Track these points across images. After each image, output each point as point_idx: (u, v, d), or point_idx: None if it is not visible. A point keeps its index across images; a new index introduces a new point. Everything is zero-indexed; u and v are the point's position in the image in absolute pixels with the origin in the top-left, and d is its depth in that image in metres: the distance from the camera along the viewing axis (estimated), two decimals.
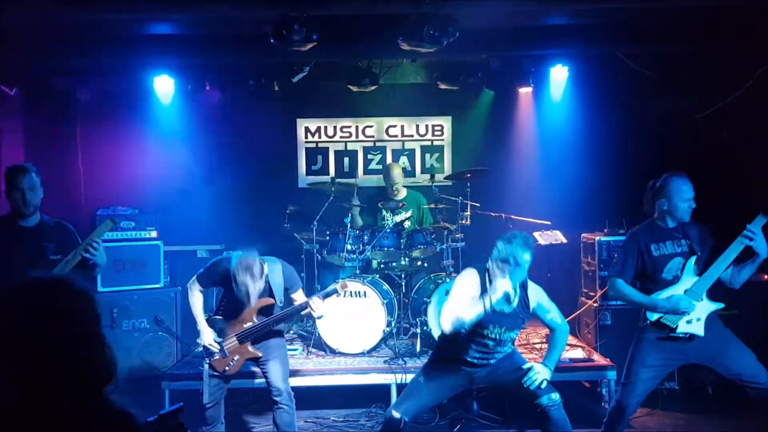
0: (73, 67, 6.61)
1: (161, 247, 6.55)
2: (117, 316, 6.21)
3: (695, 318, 4.09)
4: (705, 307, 4.10)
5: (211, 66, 7.21)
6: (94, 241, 3.99)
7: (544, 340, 6.14)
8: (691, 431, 5.14)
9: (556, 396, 4.01)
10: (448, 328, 3.96)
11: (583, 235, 6.53)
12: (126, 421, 1.76)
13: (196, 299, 4.61)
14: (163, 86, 7.32)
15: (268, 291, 4.55)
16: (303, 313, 4.65)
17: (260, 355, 4.56)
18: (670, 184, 4.20)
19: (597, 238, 6.17)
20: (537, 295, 4.16)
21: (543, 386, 4.01)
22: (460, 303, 3.99)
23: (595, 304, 6.06)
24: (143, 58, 6.74)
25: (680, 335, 4.10)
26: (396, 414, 4.18)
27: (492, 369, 4.19)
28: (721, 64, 6.43)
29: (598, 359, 5.63)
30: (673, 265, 4.16)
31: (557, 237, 6.42)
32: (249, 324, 4.52)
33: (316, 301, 4.54)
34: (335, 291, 4.68)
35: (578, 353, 5.73)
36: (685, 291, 4.10)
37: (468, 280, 4.15)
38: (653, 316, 4.15)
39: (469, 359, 4.14)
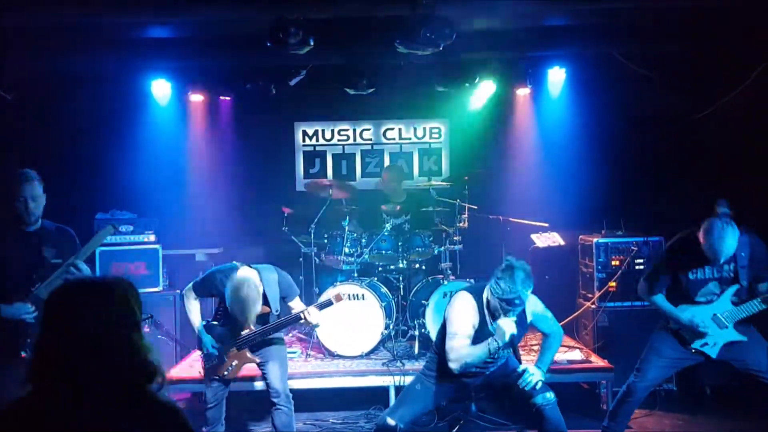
0: (69, 70, 6.61)
1: (160, 250, 6.56)
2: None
3: (712, 342, 4.09)
4: (727, 335, 4.09)
5: (208, 69, 7.22)
6: (75, 263, 3.98)
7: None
8: None
9: (550, 395, 4.04)
10: (455, 368, 3.98)
11: (580, 236, 6.54)
12: (175, 414, 1.84)
13: (193, 307, 4.62)
14: (160, 90, 7.33)
15: (263, 300, 4.53)
16: (299, 322, 4.67)
17: (258, 360, 4.58)
18: (708, 228, 3.96)
19: (595, 239, 6.17)
20: (533, 307, 4.17)
21: (538, 387, 4.03)
22: (464, 342, 3.96)
23: (593, 306, 6.06)
24: (140, 62, 6.74)
25: (693, 350, 4.12)
26: (391, 421, 4.21)
27: (487, 377, 4.22)
28: (718, 64, 6.44)
29: (596, 361, 5.63)
30: (708, 290, 4.14)
31: (555, 239, 6.43)
32: (246, 331, 4.52)
33: (311, 311, 4.57)
34: (330, 303, 4.73)
35: (576, 355, 5.74)
36: (714, 315, 4.09)
37: (466, 311, 4.07)
38: (674, 326, 4.16)
39: (466, 371, 4.15)
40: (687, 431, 5.17)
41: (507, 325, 3.85)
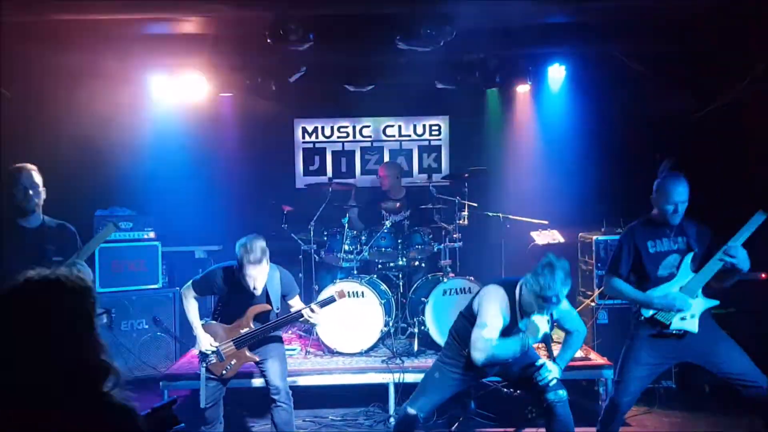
0: (68, 66, 6.60)
1: (159, 247, 6.56)
2: (115, 317, 6.24)
3: (689, 315, 4.10)
4: (700, 304, 4.12)
5: (207, 66, 7.21)
6: (76, 262, 3.99)
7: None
8: (688, 430, 5.14)
9: (563, 392, 4.04)
10: (480, 359, 3.91)
11: (580, 234, 6.54)
12: (126, 414, 1.78)
13: (191, 305, 4.58)
14: (160, 86, 7.32)
15: (265, 297, 4.53)
16: (300, 320, 4.65)
17: (257, 359, 4.57)
18: (661, 184, 4.20)
19: (594, 237, 6.18)
20: (561, 305, 4.08)
21: (552, 384, 4.03)
22: (495, 333, 3.91)
23: (592, 303, 6.07)
24: (139, 58, 6.74)
25: (673, 332, 4.12)
26: (411, 411, 4.23)
27: (504, 366, 4.22)
28: (718, 62, 6.44)
29: (596, 358, 5.64)
30: (669, 262, 4.18)
31: (555, 236, 6.43)
32: (246, 329, 4.51)
33: (314, 309, 4.52)
34: (333, 300, 4.67)
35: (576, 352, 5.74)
36: (681, 288, 4.12)
37: (499, 304, 4.00)
38: (647, 313, 4.16)
39: None
40: (686, 429, 5.17)
41: (541, 323, 3.84)
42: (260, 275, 4.31)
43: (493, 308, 3.96)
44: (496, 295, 4.03)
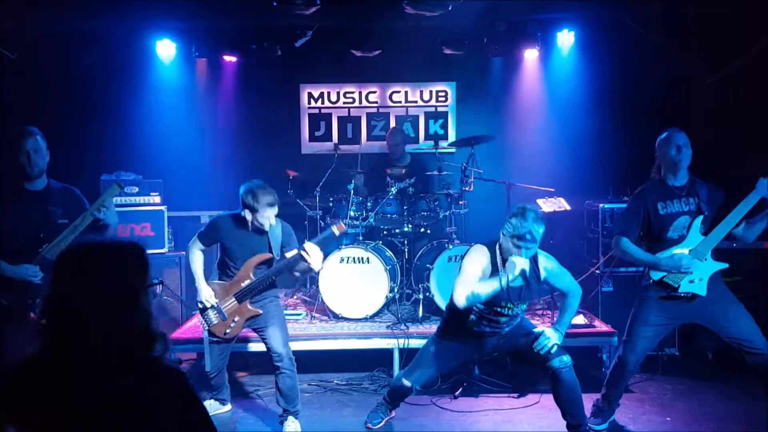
0: (74, 30, 6.55)
1: (165, 212, 6.57)
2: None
3: (698, 278, 4.11)
4: (708, 267, 4.12)
5: (213, 30, 7.15)
6: (105, 201, 4.01)
7: (545, 306, 6.18)
8: (691, 397, 5.18)
9: (567, 358, 4.06)
10: (462, 302, 3.93)
11: (586, 202, 6.52)
12: (178, 377, 1.86)
13: (197, 257, 4.66)
14: (165, 50, 7.28)
15: (267, 246, 4.59)
16: (300, 268, 4.61)
17: (260, 312, 4.58)
18: (660, 138, 4.27)
19: (601, 205, 6.16)
20: (547, 263, 4.15)
21: (553, 351, 4.05)
22: (473, 278, 3.97)
23: (597, 271, 6.07)
24: (144, 22, 6.69)
25: (682, 294, 4.13)
26: (407, 382, 4.33)
27: (502, 337, 4.24)
28: (730, 28, 6.35)
29: (600, 325, 5.66)
30: (680, 224, 4.17)
31: (561, 204, 6.40)
32: (246, 282, 4.55)
33: (309, 247, 4.46)
34: (331, 233, 4.62)
35: (580, 319, 5.75)
36: (690, 250, 4.11)
37: (479, 257, 4.09)
38: (656, 275, 4.17)
39: (479, 331, 4.17)
40: (689, 396, 5.21)
41: (519, 261, 3.84)
42: (273, 217, 4.49)
43: (470, 261, 4.06)
44: (475, 251, 4.13)
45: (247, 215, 4.50)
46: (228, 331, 4.57)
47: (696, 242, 4.13)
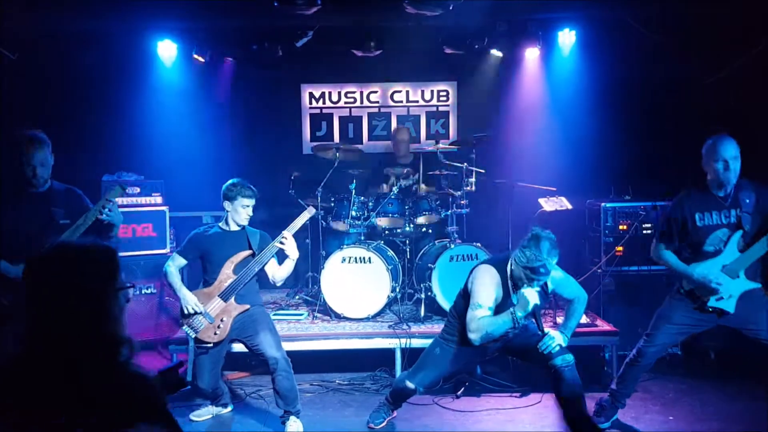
0: (74, 30, 6.55)
1: (167, 212, 6.57)
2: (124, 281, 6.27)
3: (727, 295, 4.07)
4: (740, 285, 4.07)
5: (214, 30, 7.15)
6: (108, 201, 4.01)
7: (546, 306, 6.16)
8: (693, 396, 5.17)
9: (569, 357, 4.06)
10: (476, 340, 3.97)
11: (588, 201, 6.51)
12: (144, 381, 1.81)
13: (172, 271, 4.70)
14: (166, 51, 7.28)
15: (246, 244, 4.68)
16: (278, 245, 4.63)
17: (247, 307, 4.60)
18: (707, 144, 4.12)
19: (602, 204, 6.15)
20: (554, 273, 4.12)
21: (556, 350, 4.05)
22: (489, 303, 3.96)
23: (599, 270, 6.06)
24: (145, 22, 6.68)
25: (710, 309, 4.11)
26: (410, 384, 4.34)
27: (508, 340, 4.24)
28: (731, 28, 6.33)
29: (602, 325, 5.65)
30: (716, 237, 4.11)
31: (562, 203, 6.39)
32: (229, 281, 4.58)
33: (285, 235, 4.61)
34: (306, 215, 4.76)
35: (582, 319, 5.74)
36: (724, 266, 4.06)
37: (489, 280, 4.05)
38: (687, 287, 4.15)
39: (488, 342, 4.17)
40: (692, 395, 5.20)
41: (530, 295, 3.82)
42: (249, 209, 4.66)
43: (483, 288, 4.02)
44: (487, 274, 4.08)
45: (227, 207, 4.68)
46: (217, 332, 4.55)
47: (731, 258, 4.07)
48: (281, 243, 4.57)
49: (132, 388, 1.78)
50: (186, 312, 4.57)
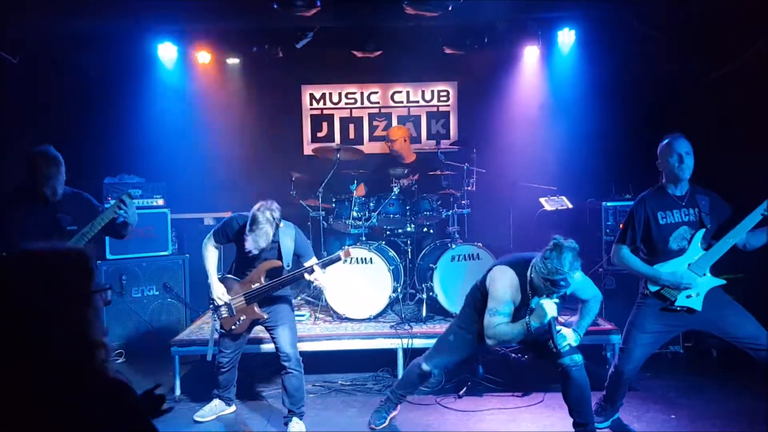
0: (75, 33, 6.57)
1: (168, 214, 6.59)
2: (126, 283, 6.32)
3: (695, 293, 4.10)
4: (706, 283, 4.11)
5: (214, 32, 7.16)
6: (122, 202, 4.00)
7: None
8: (695, 394, 5.18)
9: (578, 357, 4.06)
10: (491, 344, 3.99)
11: (589, 200, 6.52)
12: (122, 388, 1.76)
13: (210, 254, 4.73)
14: (167, 53, 7.30)
15: (277, 254, 4.62)
16: (308, 278, 4.60)
17: (265, 316, 4.64)
18: (660, 146, 4.22)
19: (603, 203, 6.16)
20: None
21: (566, 349, 4.04)
22: (503, 320, 3.92)
23: (601, 269, 6.07)
24: (146, 24, 6.70)
25: (678, 308, 4.12)
26: (426, 367, 4.39)
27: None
28: (732, 24, 6.33)
29: (603, 323, 5.66)
30: (679, 234, 4.15)
31: (563, 202, 6.42)
32: (256, 285, 4.61)
33: (316, 269, 4.54)
34: (338, 258, 4.65)
35: None
36: (689, 265, 4.10)
37: (509, 282, 3.99)
38: (653, 287, 4.16)
39: None
40: (693, 393, 5.20)
41: (549, 307, 3.77)
42: (258, 241, 4.41)
43: (502, 293, 3.97)
44: (506, 277, 4.02)
45: None
46: (234, 326, 4.67)
47: (696, 256, 4.11)
48: (312, 278, 4.54)
49: (108, 394, 1.72)
50: (212, 303, 4.69)
